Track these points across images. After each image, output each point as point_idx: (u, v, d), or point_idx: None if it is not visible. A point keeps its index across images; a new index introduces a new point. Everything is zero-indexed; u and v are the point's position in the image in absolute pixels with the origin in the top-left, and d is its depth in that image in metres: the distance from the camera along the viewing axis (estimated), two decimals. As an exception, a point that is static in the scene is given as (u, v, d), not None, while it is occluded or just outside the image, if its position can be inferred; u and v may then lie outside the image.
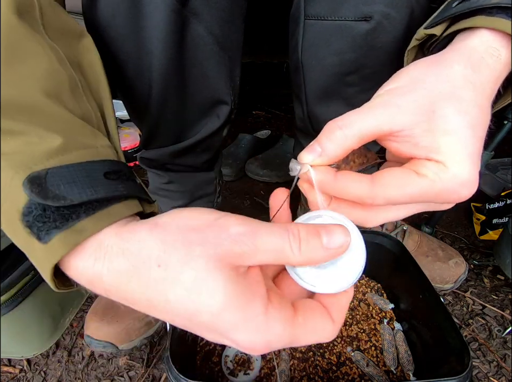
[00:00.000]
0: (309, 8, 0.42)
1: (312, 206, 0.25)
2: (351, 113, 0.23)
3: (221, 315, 0.18)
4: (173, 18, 0.36)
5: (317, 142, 0.23)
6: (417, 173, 0.21)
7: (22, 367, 0.54)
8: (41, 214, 0.18)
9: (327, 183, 0.22)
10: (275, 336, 0.19)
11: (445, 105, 0.22)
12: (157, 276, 0.18)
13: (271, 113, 1.55)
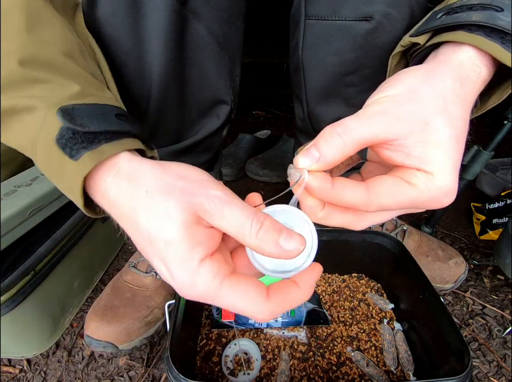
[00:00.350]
0: (310, 8, 0.42)
1: (307, 211, 0.25)
2: (350, 120, 0.23)
3: (170, 245, 0.21)
4: (173, 17, 0.36)
5: (314, 147, 0.23)
6: (408, 183, 0.23)
7: (22, 367, 0.54)
8: (71, 137, 0.23)
9: (325, 190, 0.23)
10: (201, 283, 0.21)
11: (437, 118, 0.23)
12: (141, 199, 0.22)
13: (271, 113, 1.55)
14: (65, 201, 0.59)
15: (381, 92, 0.25)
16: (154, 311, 0.55)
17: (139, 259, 0.61)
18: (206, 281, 0.21)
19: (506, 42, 0.26)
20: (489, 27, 0.26)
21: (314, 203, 0.24)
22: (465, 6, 0.29)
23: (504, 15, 0.27)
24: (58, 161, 0.24)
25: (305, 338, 0.54)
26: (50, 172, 0.25)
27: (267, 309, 0.22)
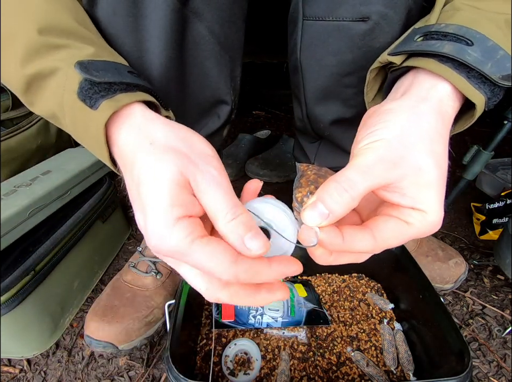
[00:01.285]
0: (307, 8, 0.42)
1: (317, 259, 0.27)
2: (352, 173, 0.24)
3: (154, 196, 0.23)
4: (174, 17, 0.36)
5: (322, 203, 0.24)
6: (406, 223, 0.25)
7: (22, 367, 0.54)
8: (90, 87, 0.26)
9: (336, 245, 0.24)
10: (174, 237, 0.22)
11: (427, 161, 0.25)
12: (144, 148, 0.24)
13: (271, 113, 1.55)
14: (65, 201, 0.59)
15: (371, 134, 0.26)
16: (154, 311, 0.55)
17: (139, 259, 0.61)
18: (178, 237, 0.22)
19: (472, 77, 0.28)
20: (458, 61, 0.28)
21: (324, 252, 0.26)
22: (440, 33, 0.30)
23: (473, 49, 0.28)
24: (82, 114, 0.26)
25: (305, 338, 0.54)
26: (78, 129, 0.28)
27: (233, 270, 0.22)
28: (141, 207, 0.24)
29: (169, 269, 0.61)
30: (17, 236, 0.49)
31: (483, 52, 0.28)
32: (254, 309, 0.56)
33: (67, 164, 0.65)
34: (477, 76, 0.28)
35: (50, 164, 0.66)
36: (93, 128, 0.26)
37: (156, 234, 0.22)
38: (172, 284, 0.60)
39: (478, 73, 0.28)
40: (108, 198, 0.71)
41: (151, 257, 0.61)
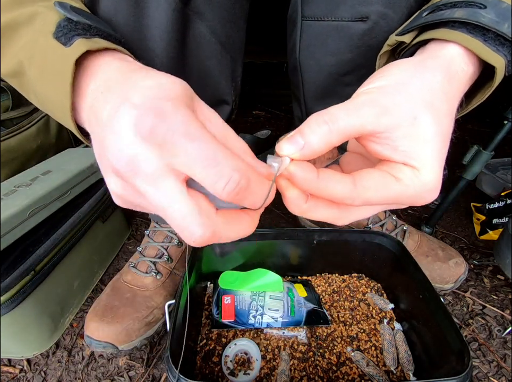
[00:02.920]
0: (306, 9, 0.42)
1: (290, 204, 0.24)
2: (337, 108, 0.22)
3: (123, 113, 0.20)
4: (176, 17, 0.36)
5: (299, 134, 0.22)
6: (394, 177, 0.22)
7: (22, 367, 0.54)
8: (67, 25, 0.25)
9: (310, 181, 0.22)
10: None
11: (425, 113, 0.22)
12: (132, 70, 0.24)
13: (271, 113, 1.55)
14: (65, 201, 0.59)
15: (370, 83, 0.25)
16: (154, 311, 0.55)
17: (139, 259, 0.61)
18: (181, 115, 0.20)
19: (489, 39, 0.26)
20: (472, 24, 0.26)
21: (298, 195, 0.23)
22: (449, 4, 0.29)
23: (487, 12, 0.27)
24: (54, 55, 0.24)
25: (305, 338, 0.54)
26: (44, 76, 0.26)
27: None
28: (99, 130, 0.21)
29: (169, 269, 0.61)
30: (17, 236, 0.49)
31: (498, 14, 0.26)
32: (254, 309, 0.56)
33: (67, 164, 0.65)
34: (494, 38, 0.26)
35: (50, 164, 0.66)
36: (62, 66, 0.24)
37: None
38: (172, 284, 0.60)
39: (495, 35, 0.26)
40: (108, 198, 0.70)
41: (151, 257, 0.61)
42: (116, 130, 0.20)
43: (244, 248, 0.61)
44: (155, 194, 0.20)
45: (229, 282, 0.60)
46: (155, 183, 0.20)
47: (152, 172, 0.20)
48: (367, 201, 0.22)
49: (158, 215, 0.22)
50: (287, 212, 0.91)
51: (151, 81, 0.22)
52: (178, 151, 0.19)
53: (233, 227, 0.22)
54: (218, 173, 0.19)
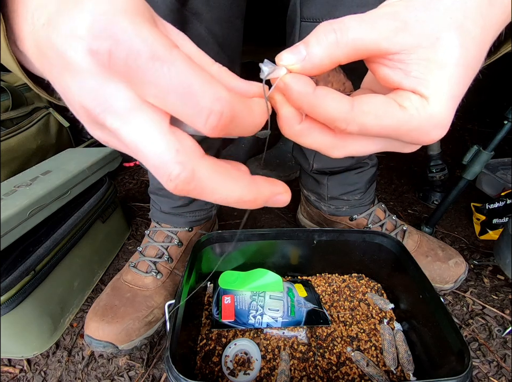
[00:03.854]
0: (305, 10, 0.42)
1: (283, 124, 0.21)
2: (350, 18, 0.20)
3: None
4: (173, 17, 0.36)
5: (303, 44, 0.20)
6: (398, 105, 0.20)
7: (22, 367, 0.54)
8: None
9: (305, 96, 0.19)
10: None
11: (452, 35, 0.19)
12: None
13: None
14: (65, 201, 0.59)
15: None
16: (154, 311, 0.55)
17: (139, 259, 0.61)
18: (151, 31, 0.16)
19: None
20: None
21: (292, 113, 0.21)
22: None
23: None
24: None
25: (305, 338, 0.54)
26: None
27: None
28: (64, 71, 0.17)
29: (169, 269, 0.61)
30: (17, 236, 0.49)
31: None
32: (254, 309, 0.56)
33: (67, 164, 0.65)
34: None
35: (50, 164, 0.66)
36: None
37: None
38: (172, 284, 0.60)
39: None
40: (108, 198, 0.71)
41: (151, 256, 0.61)
42: (72, 68, 0.16)
43: (244, 248, 0.61)
44: (127, 130, 0.17)
45: (229, 282, 0.60)
46: (127, 118, 0.17)
47: (122, 105, 0.17)
48: (363, 128, 0.20)
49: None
50: (287, 212, 0.91)
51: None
52: (145, 79, 0.16)
53: (220, 177, 0.18)
54: (196, 106, 0.16)
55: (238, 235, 0.59)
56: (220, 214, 0.89)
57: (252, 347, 0.52)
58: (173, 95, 0.16)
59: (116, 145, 0.19)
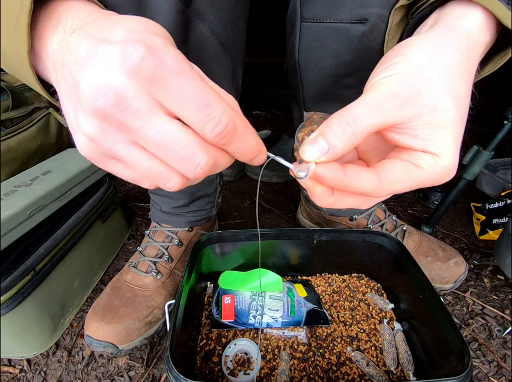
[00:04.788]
0: (305, 10, 0.42)
1: (317, 199, 0.25)
2: (358, 107, 0.22)
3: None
4: (177, 18, 0.36)
5: (322, 138, 0.22)
6: (415, 166, 0.23)
7: (22, 367, 0.54)
8: None
9: (337, 180, 0.22)
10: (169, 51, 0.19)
11: (446, 99, 0.22)
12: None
13: (271, 113, 1.55)
14: (65, 201, 0.59)
15: (386, 69, 0.24)
16: (154, 311, 0.55)
17: (140, 259, 0.61)
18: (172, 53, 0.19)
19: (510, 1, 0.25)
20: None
21: (324, 191, 0.24)
22: None
23: None
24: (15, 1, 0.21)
25: (305, 338, 0.54)
26: (3, 20, 0.23)
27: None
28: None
29: (169, 269, 0.61)
30: (17, 236, 0.49)
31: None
32: (254, 309, 0.56)
33: (67, 164, 0.65)
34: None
35: (50, 164, 0.66)
36: (18, 6, 0.21)
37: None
38: (172, 284, 0.60)
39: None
40: (108, 198, 0.71)
41: (151, 256, 0.61)
42: (99, 66, 0.18)
43: (244, 248, 0.61)
44: (152, 129, 0.19)
45: (229, 282, 0.60)
46: (149, 118, 0.19)
47: (142, 107, 0.19)
48: (391, 192, 0.23)
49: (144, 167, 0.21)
50: (287, 212, 0.91)
51: (132, 19, 0.20)
52: (169, 89, 0.18)
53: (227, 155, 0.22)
54: (208, 115, 0.19)
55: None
56: (220, 214, 0.89)
57: (252, 347, 0.52)
58: (191, 104, 0.19)
59: (116, 149, 0.21)
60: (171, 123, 0.19)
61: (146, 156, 0.21)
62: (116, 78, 0.18)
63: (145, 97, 0.19)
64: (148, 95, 0.19)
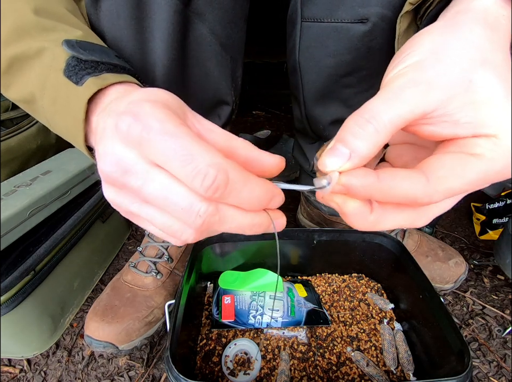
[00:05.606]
0: (306, 10, 0.42)
1: (353, 220, 0.21)
2: (375, 103, 0.19)
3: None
4: (177, 18, 0.36)
5: (341, 143, 0.19)
6: (472, 155, 0.18)
7: (22, 367, 0.54)
8: (76, 64, 0.26)
9: (370, 186, 0.18)
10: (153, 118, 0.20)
11: (480, 71, 0.19)
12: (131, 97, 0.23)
13: (271, 113, 1.55)
14: (65, 201, 0.59)
15: (399, 63, 0.21)
16: (154, 311, 0.55)
17: (139, 259, 0.61)
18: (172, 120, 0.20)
19: None
20: None
21: (360, 207, 0.20)
22: None
23: None
24: (65, 90, 0.26)
25: (305, 338, 0.54)
26: (57, 108, 0.27)
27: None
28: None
29: (169, 269, 0.61)
30: (17, 236, 0.49)
31: None
32: (254, 309, 0.56)
33: (67, 164, 0.65)
34: None
35: (50, 164, 0.66)
36: (75, 104, 0.25)
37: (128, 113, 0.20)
38: (172, 284, 0.60)
39: None
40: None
41: (151, 257, 0.61)
42: (104, 139, 0.21)
43: (244, 248, 0.61)
44: (151, 185, 0.20)
45: (229, 282, 0.60)
46: (147, 176, 0.20)
47: (140, 167, 0.20)
48: (448, 193, 0.19)
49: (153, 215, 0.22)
50: (287, 212, 0.91)
51: (141, 93, 0.22)
52: (156, 148, 0.19)
53: (236, 209, 0.22)
54: (194, 169, 0.18)
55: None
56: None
57: (252, 347, 0.52)
58: (176, 160, 0.19)
59: (135, 209, 0.22)
60: (168, 178, 0.20)
61: (157, 212, 0.21)
62: (114, 147, 0.20)
63: (140, 158, 0.20)
64: (142, 156, 0.20)
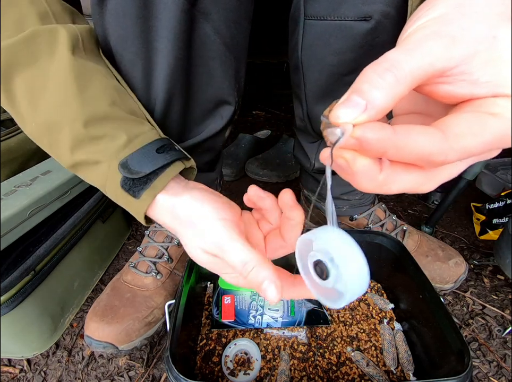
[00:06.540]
0: (309, 8, 0.42)
1: (362, 179, 0.19)
2: (395, 53, 0.18)
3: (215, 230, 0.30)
4: (183, 17, 0.36)
5: (356, 93, 0.17)
6: (490, 114, 0.18)
7: (22, 367, 0.54)
8: (132, 183, 0.32)
9: (386, 140, 0.17)
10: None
11: (505, 28, 0.18)
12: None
13: (271, 113, 1.55)
14: (65, 201, 0.59)
15: (419, 18, 0.20)
16: (154, 311, 0.55)
17: (139, 259, 0.61)
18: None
19: None
20: None
21: (370, 164, 0.18)
22: None
23: None
24: (125, 198, 0.32)
25: (305, 338, 0.54)
26: (119, 202, 0.34)
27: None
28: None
29: (169, 269, 0.61)
30: (17, 236, 0.49)
31: None
32: (254, 309, 0.56)
33: (67, 164, 0.65)
34: None
35: (50, 164, 0.66)
36: (136, 210, 0.32)
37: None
38: (172, 284, 0.60)
39: None
40: (108, 198, 0.70)
41: (151, 257, 0.61)
42: (192, 251, 0.31)
43: (244, 248, 0.61)
44: (245, 278, 0.28)
45: (229, 282, 0.60)
46: (243, 271, 0.28)
47: (237, 263, 0.28)
48: (464, 152, 0.17)
49: None
50: (287, 212, 0.91)
51: (209, 208, 0.32)
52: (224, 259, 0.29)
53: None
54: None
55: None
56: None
57: (252, 347, 0.52)
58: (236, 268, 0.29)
59: (220, 268, 0.32)
60: (257, 275, 0.28)
61: None
62: (202, 257, 0.31)
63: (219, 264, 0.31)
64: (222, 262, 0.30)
